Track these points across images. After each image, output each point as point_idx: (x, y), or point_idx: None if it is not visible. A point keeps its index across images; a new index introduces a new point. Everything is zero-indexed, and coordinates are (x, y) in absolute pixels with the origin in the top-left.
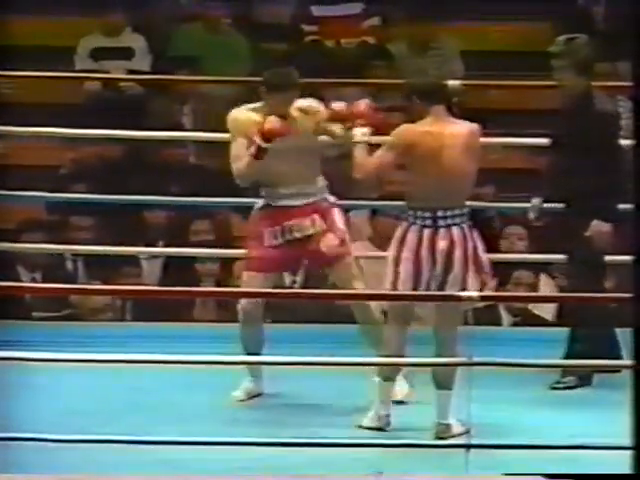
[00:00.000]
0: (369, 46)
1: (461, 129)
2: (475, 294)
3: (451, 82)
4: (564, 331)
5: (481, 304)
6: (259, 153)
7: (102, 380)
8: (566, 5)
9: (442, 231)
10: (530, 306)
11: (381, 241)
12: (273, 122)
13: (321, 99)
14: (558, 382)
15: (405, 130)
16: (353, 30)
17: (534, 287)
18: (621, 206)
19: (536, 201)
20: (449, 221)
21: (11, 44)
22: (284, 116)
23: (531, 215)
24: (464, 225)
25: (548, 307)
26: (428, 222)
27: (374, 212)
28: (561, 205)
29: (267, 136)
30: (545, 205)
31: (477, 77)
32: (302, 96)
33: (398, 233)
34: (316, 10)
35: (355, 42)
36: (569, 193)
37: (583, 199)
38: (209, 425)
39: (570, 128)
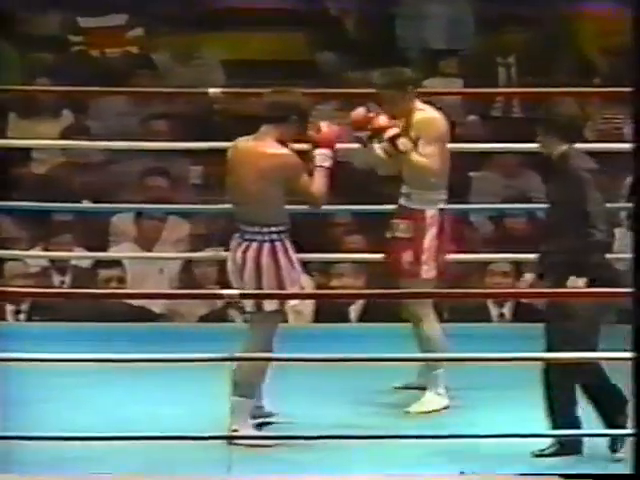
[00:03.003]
0: (133, 56)
1: (266, 152)
2: (235, 292)
3: (212, 90)
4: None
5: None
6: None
7: None
8: (319, 16)
9: (243, 245)
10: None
11: (145, 242)
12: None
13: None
14: (542, 450)
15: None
16: (117, 40)
17: None
18: (600, 261)
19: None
20: (252, 236)
21: None
22: (397, 117)
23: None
24: (266, 243)
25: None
26: (238, 235)
27: (139, 214)
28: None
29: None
30: None
31: (237, 85)
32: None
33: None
34: (82, 21)
35: (119, 52)
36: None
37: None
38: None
39: (554, 190)
